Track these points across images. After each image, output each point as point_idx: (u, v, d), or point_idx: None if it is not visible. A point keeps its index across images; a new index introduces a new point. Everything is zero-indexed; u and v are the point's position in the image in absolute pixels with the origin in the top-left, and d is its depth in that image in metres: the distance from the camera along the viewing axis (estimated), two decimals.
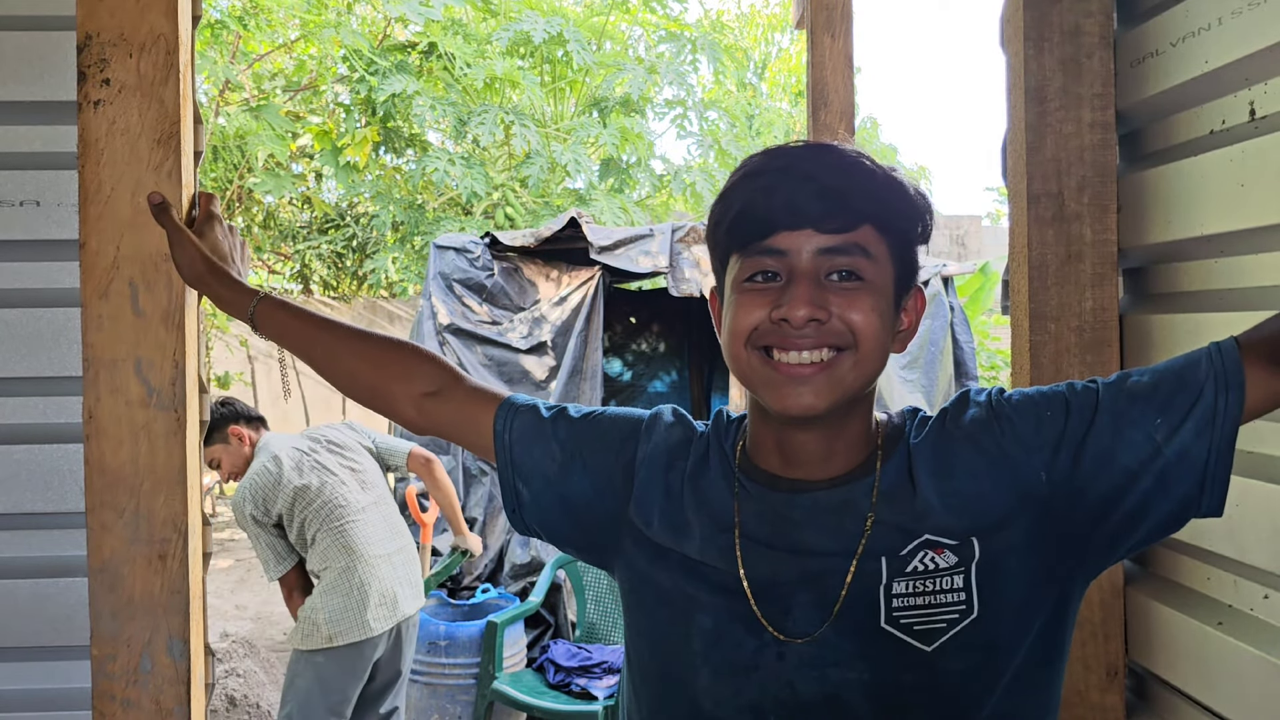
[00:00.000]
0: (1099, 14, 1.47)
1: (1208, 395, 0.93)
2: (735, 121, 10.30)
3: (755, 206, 0.95)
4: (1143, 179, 1.45)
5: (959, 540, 0.95)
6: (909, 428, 1.02)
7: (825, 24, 2.54)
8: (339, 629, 3.11)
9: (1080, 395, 0.97)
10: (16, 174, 1.40)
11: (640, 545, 1.06)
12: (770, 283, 0.95)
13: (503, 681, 3.76)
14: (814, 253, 0.94)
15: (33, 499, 1.41)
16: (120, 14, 1.31)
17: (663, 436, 1.09)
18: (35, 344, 1.41)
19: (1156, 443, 0.93)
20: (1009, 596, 0.95)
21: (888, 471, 0.99)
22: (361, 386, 1.23)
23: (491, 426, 1.14)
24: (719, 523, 1.02)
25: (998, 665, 0.95)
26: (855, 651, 0.95)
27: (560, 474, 1.10)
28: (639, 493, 1.07)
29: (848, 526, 0.97)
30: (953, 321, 5.53)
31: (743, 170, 0.99)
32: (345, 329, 1.25)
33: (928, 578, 0.94)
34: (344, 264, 11.74)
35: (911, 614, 0.94)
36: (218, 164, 9.51)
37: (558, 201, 9.50)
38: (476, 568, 4.66)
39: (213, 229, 1.34)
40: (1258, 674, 1.21)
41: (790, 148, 0.98)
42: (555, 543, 1.15)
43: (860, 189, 0.94)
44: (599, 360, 4.78)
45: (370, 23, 10.06)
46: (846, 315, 0.93)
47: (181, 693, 1.32)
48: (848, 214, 0.94)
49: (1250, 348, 0.94)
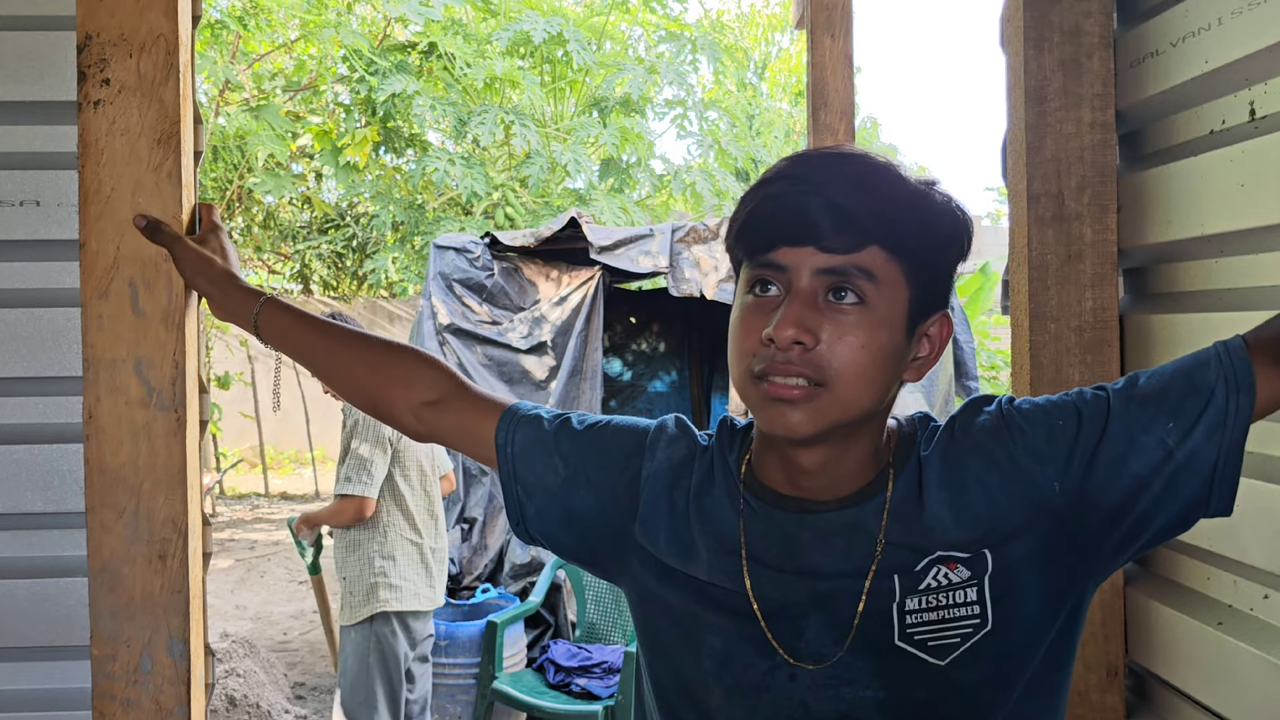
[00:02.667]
0: (1099, 14, 1.46)
1: (1219, 398, 0.92)
2: (735, 121, 10.30)
3: (763, 216, 0.93)
4: (1143, 179, 1.45)
5: (971, 553, 0.93)
6: (919, 438, 1.00)
7: (825, 24, 2.54)
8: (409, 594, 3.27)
9: (1091, 404, 0.96)
10: (16, 174, 1.40)
11: (647, 564, 1.04)
12: (770, 295, 0.92)
13: (503, 681, 3.76)
14: (813, 272, 0.90)
15: (33, 499, 1.41)
16: (120, 14, 1.31)
17: (666, 453, 1.06)
18: (35, 344, 1.41)
19: (1168, 447, 0.92)
20: (1022, 607, 0.94)
21: (899, 489, 0.96)
22: (362, 393, 1.22)
23: (494, 438, 1.11)
24: (724, 545, 0.99)
25: (1011, 674, 0.94)
26: (869, 670, 0.94)
27: (564, 488, 1.08)
28: (644, 512, 1.04)
29: (858, 548, 0.95)
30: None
31: (765, 175, 0.96)
32: (347, 333, 1.24)
33: (941, 593, 0.93)
34: (344, 264, 11.73)
35: (925, 630, 0.93)
36: (218, 164, 9.51)
37: (558, 201, 9.50)
38: (476, 568, 4.66)
39: (217, 237, 1.33)
40: (1257, 674, 1.21)
41: (812, 155, 0.95)
42: (560, 554, 1.14)
43: (870, 208, 0.90)
44: (599, 360, 4.78)
45: (370, 23, 10.06)
46: (833, 347, 0.89)
47: (181, 692, 1.31)
48: (853, 234, 0.89)
49: (1258, 347, 0.94)
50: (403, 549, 3.29)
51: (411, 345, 1.23)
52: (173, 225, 1.31)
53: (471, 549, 4.72)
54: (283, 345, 1.26)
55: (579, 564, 1.14)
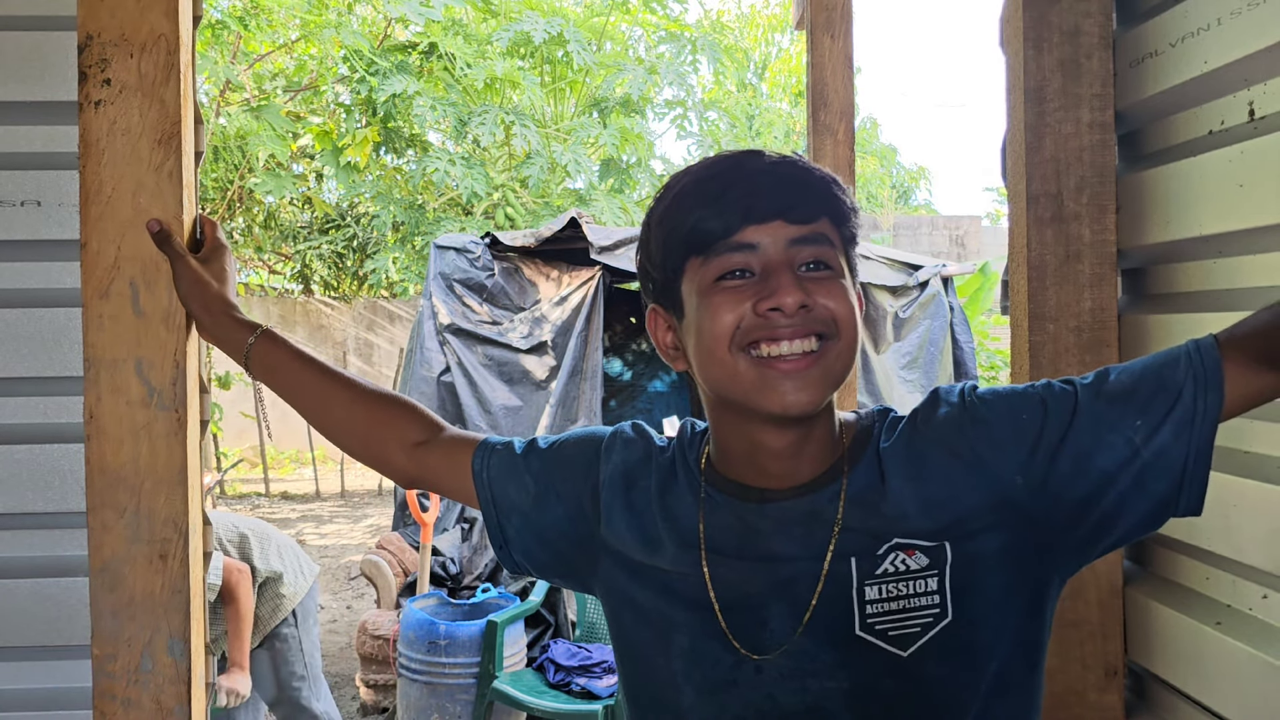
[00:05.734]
0: (1098, 14, 1.47)
1: (1186, 396, 0.92)
2: (735, 122, 10.31)
3: (716, 205, 0.94)
4: (1141, 179, 1.46)
5: (931, 543, 0.94)
6: (878, 430, 1.01)
7: (825, 24, 2.54)
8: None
9: (1057, 397, 0.96)
10: (17, 174, 1.41)
11: (619, 564, 1.06)
12: (743, 279, 0.94)
13: (503, 681, 3.76)
14: (786, 243, 0.93)
15: (33, 499, 1.41)
16: (121, 14, 1.31)
17: (621, 456, 1.09)
18: (36, 344, 1.41)
19: (1135, 445, 0.92)
20: (984, 599, 0.94)
21: (855, 478, 0.98)
22: (355, 434, 1.24)
23: (470, 467, 1.15)
24: (686, 538, 1.01)
25: (978, 669, 0.94)
26: (833, 660, 0.94)
27: (535, 506, 1.11)
28: (606, 514, 1.07)
29: (816, 534, 0.96)
30: (952, 322, 5.53)
31: (682, 184, 0.98)
32: (340, 375, 1.26)
33: (900, 580, 0.94)
34: (344, 264, 11.74)
35: (886, 619, 0.94)
36: (218, 164, 9.52)
37: (558, 201, 9.50)
38: (476, 568, 4.67)
39: (220, 259, 1.32)
40: (1256, 674, 1.21)
41: (722, 155, 0.99)
42: (542, 576, 1.17)
43: (814, 181, 0.95)
44: (599, 360, 4.78)
45: (371, 23, 10.07)
46: (826, 303, 0.93)
47: (182, 692, 1.32)
48: (811, 204, 0.94)
49: (1229, 346, 0.93)
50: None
51: (391, 391, 1.27)
52: (174, 226, 1.31)
53: (471, 549, 4.73)
54: (273, 381, 1.27)
55: (560, 580, 1.17)
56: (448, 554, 4.66)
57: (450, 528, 4.80)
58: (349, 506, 10.16)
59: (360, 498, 10.56)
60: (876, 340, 5.23)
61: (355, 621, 5.76)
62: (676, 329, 1.01)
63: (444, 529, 4.77)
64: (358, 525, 9.20)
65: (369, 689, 4.39)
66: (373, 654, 4.37)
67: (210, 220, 1.38)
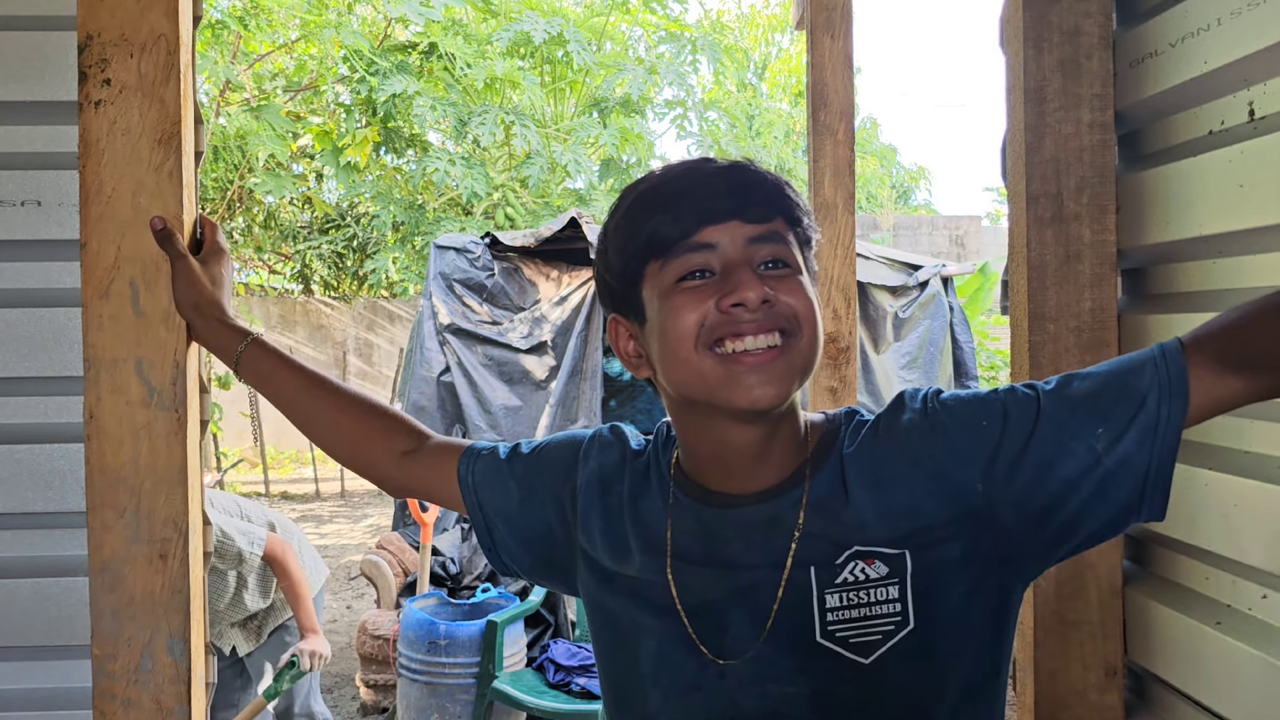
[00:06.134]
0: (1098, 14, 1.47)
1: (1150, 404, 0.91)
2: (735, 122, 10.31)
3: (673, 209, 0.95)
4: (1142, 179, 1.46)
5: (893, 550, 0.94)
6: (843, 434, 1.01)
7: (825, 24, 2.54)
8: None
9: (1020, 403, 0.95)
10: (17, 174, 1.41)
11: (592, 569, 1.07)
12: (704, 279, 0.94)
13: (503, 681, 3.76)
14: (744, 242, 0.94)
15: (33, 499, 1.41)
16: (121, 14, 1.31)
17: (598, 460, 1.10)
18: (36, 344, 1.41)
19: (1097, 452, 0.91)
20: (946, 607, 0.94)
21: (817, 484, 0.98)
22: (344, 442, 1.25)
23: (456, 473, 1.16)
24: (653, 545, 1.02)
25: (941, 676, 0.94)
26: (793, 666, 0.95)
27: (519, 510, 1.13)
28: (582, 518, 1.08)
29: (776, 541, 0.96)
30: (952, 322, 5.53)
31: (637, 192, 0.99)
32: (331, 384, 1.27)
33: (860, 589, 0.93)
34: (344, 264, 11.75)
35: (847, 627, 0.93)
36: (218, 164, 9.52)
37: (558, 201, 9.51)
38: (476, 568, 4.67)
39: (218, 263, 1.33)
40: (1256, 674, 1.21)
41: (674, 163, 1.00)
42: (529, 578, 1.18)
43: (766, 184, 0.96)
44: (599, 360, 4.78)
45: (371, 23, 10.07)
46: (788, 300, 0.94)
47: (182, 692, 1.32)
48: (765, 204, 0.95)
49: (1195, 350, 0.92)
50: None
51: (379, 401, 1.28)
52: (174, 225, 1.31)
53: (471, 549, 4.73)
54: (263, 387, 1.28)
55: (546, 582, 1.18)
56: (448, 554, 4.66)
57: (450, 528, 4.80)
58: (349, 506, 10.16)
59: (360, 498, 10.56)
60: (876, 340, 5.23)
61: (355, 621, 5.76)
62: (638, 336, 1.01)
63: (444, 529, 4.77)
64: (358, 525, 9.21)
65: (369, 689, 4.39)
66: (373, 654, 4.37)
67: (211, 222, 1.38)
